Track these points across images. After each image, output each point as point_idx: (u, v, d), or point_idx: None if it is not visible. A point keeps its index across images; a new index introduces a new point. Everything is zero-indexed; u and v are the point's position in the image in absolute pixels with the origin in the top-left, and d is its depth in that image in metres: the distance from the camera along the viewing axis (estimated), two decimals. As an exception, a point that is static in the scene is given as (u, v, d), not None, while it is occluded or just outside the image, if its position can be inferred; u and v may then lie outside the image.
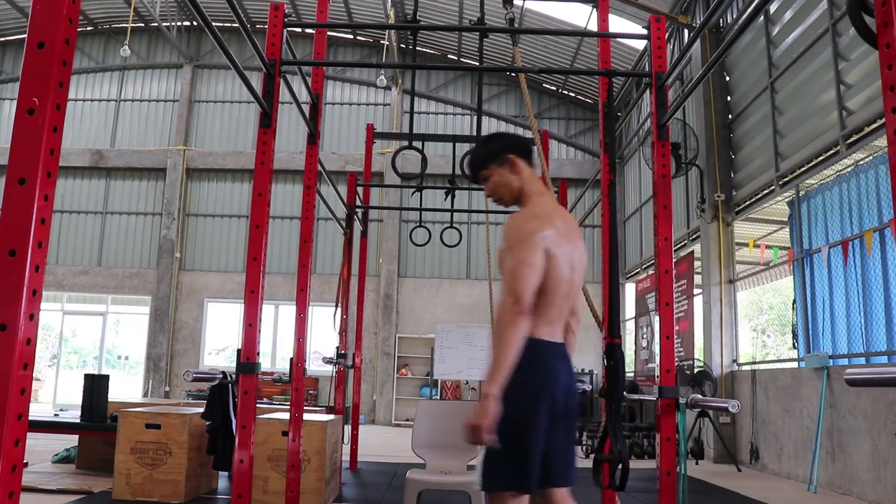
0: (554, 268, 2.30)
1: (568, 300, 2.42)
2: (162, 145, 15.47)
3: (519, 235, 2.28)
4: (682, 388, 7.90)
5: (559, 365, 2.36)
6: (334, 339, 6.90)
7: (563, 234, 2.36)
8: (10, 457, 1.31)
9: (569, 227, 2.41)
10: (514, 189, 2.48)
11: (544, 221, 2.32)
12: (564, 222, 2.40)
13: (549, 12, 12.85)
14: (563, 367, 2.38)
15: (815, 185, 7.45)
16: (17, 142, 1.41)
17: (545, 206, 2.41)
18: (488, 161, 2.50)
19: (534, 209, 2.40)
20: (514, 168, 2.47)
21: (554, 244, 2.31)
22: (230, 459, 4.69)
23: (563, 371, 2.37)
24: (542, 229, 2.29)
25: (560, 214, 2.42)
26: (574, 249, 2.41)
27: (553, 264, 2.30)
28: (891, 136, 1.57)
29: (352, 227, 7.05)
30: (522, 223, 2.32)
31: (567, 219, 2.45)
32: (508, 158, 2.47)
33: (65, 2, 1.46)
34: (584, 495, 5.90)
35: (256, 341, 3.42)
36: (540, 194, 2.47)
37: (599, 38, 4.63)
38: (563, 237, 2.35)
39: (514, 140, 2.53)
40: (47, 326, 15.62)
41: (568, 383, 2.38)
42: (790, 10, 7.97)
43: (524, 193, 2.48)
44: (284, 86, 4.00)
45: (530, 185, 2.48)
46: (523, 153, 2.50)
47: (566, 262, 2.35)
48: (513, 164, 2.47)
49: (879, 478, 5.61)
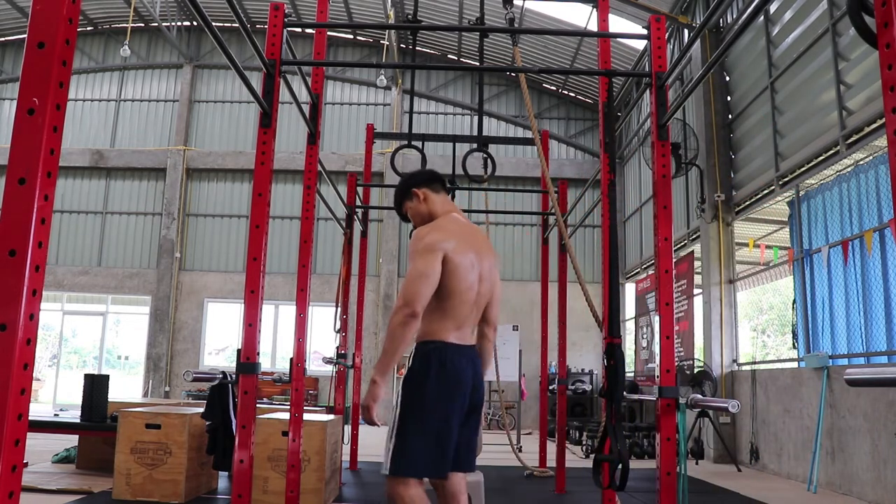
0: (455, 274, 2.60)
1: (477, 307, 2.73)
2: (162, 145, 15.48)
3: (419, 247, 2.61)
4: (682, 388, 7.90)
5: (465, 364, 2.65)
6: (334, 339, 6.90)
7: (468, 245, 2.68)
8: (10, 457, 1.31)
9: (476, 241, 2.76)
10: (425, 214, 2.88)
11: (444, 233, 2.66)
12: (471, 237, 2.74)
13: (549, 12, 12.85)
14: (468, 366, 2.67)
15: (815, 185, 7.45)
16: (17, 142, 1.40)
17: (449, 222, 2.76)
18: (402, 200, 2.95)
19: (437, 223, 2.75)
20: (420, 198, 2.88)
21: (454, 253, 2.61)
22: (230, 459, 4.69)
23: (469, 370, 2.66)
24: (441, 241, 2.61)
25: (466, 229, 2.76)
26: (482, 261, 2.72)
27: (452, 270, 2.60)
28: (891, 136, 1.57)
29: (352, 227, 7.05)
30: (424, 236, 2.65)
31: (475, 234, 2.79)
32: (414, 192, 2.89)
33: (65, 2, 1.46)
34: (584, 495, 5.91)
35: (256, 341, 3.42)
36: (446, 213, 2.83)
37: (599, 38, 4.63)
38: (467, 248, 2.67)
39: (417, 176, 2.93)
40: (47, 326, 15.62)
41: (473, 381, 2.68)
42: (790, 10, 7.97)
43: (433, 214, 2.86)
44: (284, 86, 4.00)
45: (438, 207, 2.87)
46: (426, 184, 2.90)
47: (469, 270, 2.65)
48: (418, 196, 2.88)
49: (879, 478, 5.61)
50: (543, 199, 7.80)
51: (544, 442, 7.35)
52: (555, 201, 4.92)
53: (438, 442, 2.55)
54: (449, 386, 2.59)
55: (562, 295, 6.86)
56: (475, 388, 2.70)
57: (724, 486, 6.74)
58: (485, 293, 2.75)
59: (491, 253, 2.82)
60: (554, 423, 11.12)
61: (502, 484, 6.46)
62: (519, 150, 15.34)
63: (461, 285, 2.62)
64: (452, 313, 2.63)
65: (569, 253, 4.67)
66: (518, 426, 10.21)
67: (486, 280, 2.74)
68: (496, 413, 13.14)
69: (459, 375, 2.62)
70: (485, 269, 2.74)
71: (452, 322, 2.64)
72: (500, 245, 14.79)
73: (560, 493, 6.08)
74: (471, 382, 2.66)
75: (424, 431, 2.55)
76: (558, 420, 6.63)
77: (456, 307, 2.63)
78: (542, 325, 7.32)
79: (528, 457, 8.04)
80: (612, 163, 3.79)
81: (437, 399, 2.57)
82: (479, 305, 2.75)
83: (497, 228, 14.93)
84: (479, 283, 2.71)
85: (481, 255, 2.73)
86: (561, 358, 6.78)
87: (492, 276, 2.78)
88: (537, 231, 14.64)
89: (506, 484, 6.49)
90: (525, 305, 14.40)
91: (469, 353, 2.71)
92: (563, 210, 6.80)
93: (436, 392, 2.58)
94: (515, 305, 14.38)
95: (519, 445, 8.96)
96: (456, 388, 2.60)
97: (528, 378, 13.07)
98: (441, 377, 2.59)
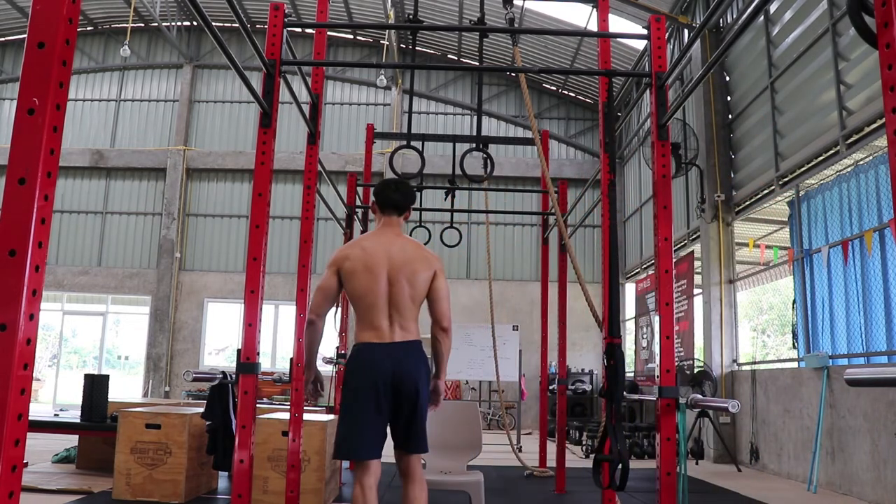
0: (350, 281, 3.08)
1: (395, 307, 3.06)
2: (162, 145, 15.48)
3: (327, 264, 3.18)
4: (682, 388, 7.90)
5: (380, 357, 3.01)
6: (334, 339, 6.90)
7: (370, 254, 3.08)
8: (10, 457, 1.31)
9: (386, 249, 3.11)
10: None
11: (345, 250, 3.15)
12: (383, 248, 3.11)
13: (549, 12, 12.84)
14: (385, 359, 3.01)
15: (815, 185, 7.45)
16: (17, 142, 1.41)
17: (364, 238, 3.21)
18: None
19: (351, 241, 3.29)
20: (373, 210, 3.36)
21: (352, 263, 3.07)
22: (230, 459, 4.69)
23: (385, 362, 3.01)
24: (337, 258, 3.13)
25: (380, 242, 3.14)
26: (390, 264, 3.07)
27: (346, 279, 3.09)
28: (891, 136, 1.57)
29: (352, 227, 7.05)
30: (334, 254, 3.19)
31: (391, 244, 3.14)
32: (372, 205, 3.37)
33: (65, 2, 1.46)
34: (584, 495, 5.91)
35: (256, 341, 3.42)
36: (375, 231, 3.27)
37: (599, 38, 4.63)
38: (370, 256, 3.08)
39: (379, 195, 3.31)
40: (47, 326, 15.62)
41: (393, 370, 3.00)
42: (790, 10, 7.97)
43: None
44: (284, 86, 4.00)
45: (376, 225, 3.32)
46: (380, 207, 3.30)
47: (365, 276, 3.05)
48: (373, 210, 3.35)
49: (879, 478, 5.61)
50: (543, 199, 7.81)
51: (544, 442, 7.35)
52: (555, 201, 4.92)
53: (351, 428, 2.99)
54: (360, 378, 3.00)
55: (562, 295, 6.86)
56: (397, 375, 3.00)
57: (724, 486, 6.74)
58: (402, 295, 3.07)
59: (412, 259, 3.12)
60: (554, 423, 11.12)
61: (502, 484, 6.46)
62: (519, 150, 15.34)
63: (360, 294, 3.06)
64: (365, 317, 3.07)
65: (569, 253, 4.67)
66: (518, 426, 10.21)
67: (400, 283, 3.06)
68: (496, 413, 13.14)
69: (373, 366, 2.99)
70: (395, 273, 3.07)
71: (367, 324, 3.07)
72: (500, 245, 14.80)
73: (560, 493, 6.08)
74: (389, 373, 2.99)
75: (344, 420, 3.02)
76: (558, 420, 6.63)
77: (364, 310, 3.07)
78: (542, 325, 7.32)
79: (528, 457, 8.04)
80: (612, 163, 3.79)
81: (352, 391, 3.01)
82: (401, 307, 3.07)
83: (497, 228, 14.92)
84: (391, 286, 3.06)
85: (391, 261, 3.09)
86: (561, 358, 6.78)
87: (412, 279, 3.08)
88: (537, 231, 14.64)
89: (506, 484, 6.49)
90: (525, 305, 14.39)
91: (388, 348, 3.04)
92: (563, 210, 6.80)
93: (351, 385, 3.02)
94: (515, 305, 14.38)
95: (519, 445, 8.96)
96: (367, 379, 2.98)
97: (528, 378, 13.07)
98: (354, 372, 3.03)
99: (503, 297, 13.98)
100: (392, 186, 3.29)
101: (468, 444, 4.60)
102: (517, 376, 9.87)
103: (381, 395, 2.98)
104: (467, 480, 4.14)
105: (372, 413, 2.97)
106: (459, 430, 4.61)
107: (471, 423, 4.66)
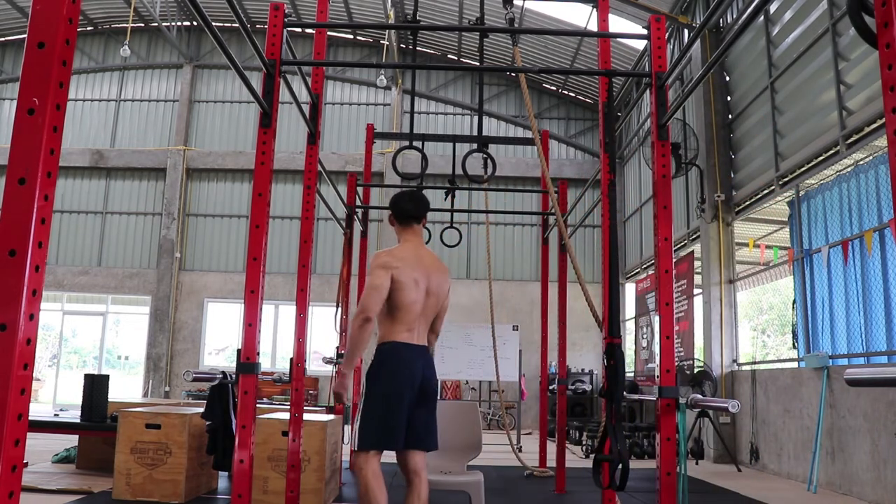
0: (400, 289, 3.21)
1: (425, 317, 3.33)
2: (162, 145, 15.48)
3: (372, 265, 3.26)
4: (682, 388, 7.90)
5: (414, 357, 3.24)
6: (334, 339, 6.91)
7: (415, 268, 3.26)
8: (10, 457, 1.31)
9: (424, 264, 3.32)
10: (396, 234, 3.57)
11: (393, 257, 3.26)
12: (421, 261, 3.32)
13: (549, 12, 12.84)
14: (418, 359, 3.26)
15: (815, 185, 7.45)
16: (17, 142, 1.40)
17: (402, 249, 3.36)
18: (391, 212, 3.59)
19: (392, 249, 3.36)
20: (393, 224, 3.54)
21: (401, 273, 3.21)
22: (230, 459, 4.69)
23: (418, 361, 3.25)
24: (390, 262, 3.23)
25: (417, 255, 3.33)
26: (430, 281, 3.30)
27: (398, 287, 3.20)
28: (891, 136, 1.57)
29: (352, 227, 7.05)
30: (376, 258, 3.28)
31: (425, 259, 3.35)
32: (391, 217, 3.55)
33: (65, 2, 1.46)
34: (584, 495, 5.91)
35: (256, 341, 3.42)
36: (406, 242, 3.43)
37: (599, 38, 4.63)
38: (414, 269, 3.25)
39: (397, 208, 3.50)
40: (47, 326, 15.62)
41: (423, 373, 3.25)
42: (790, 10, 7.97)
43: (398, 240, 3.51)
44: (284, 86, 4.00)
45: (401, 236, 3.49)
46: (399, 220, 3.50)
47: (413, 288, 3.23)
48: (392, 223, 3.54)
49: (879, 478, 5.61)
50: (543, 199, 7.80)
51: (544, 442, 7.35)
52: (555, 201, 4.92)
53: (387, 421, 3.13)
54: (396, 375, 3.17)
55: (562, 295, 6.86)
56: (425, 377, 3.26)
57: (724, 486, 6.74)
58: (431, 306, 3.35)
59: (439, 272, 3.38)
60: (554, 423, 11.12)
61: (502, 484, 6.46)
62: (519, 150, 15.34)
63: (405, 299, 3.23)
64: (402, 320, 3.24)
65: (569, 253, 4.67)
66: (518, 426, 10.21)
67: (433, 295, 3.33)
68: (496, 413, 13.14)
69: (409, 365, 3.20)
70: (432, 287, 3.32)
71: (403, 325, 3.25)
72: (500, 245, 14.80)
73: (560, 493, 6.08)
74: (420, 372, 3.23)
75: (377, 413, 3.15)
76: (558, 420, 6.63)
77: (404, 315, 3.24)
78: (542, 325, 7.32)
79: (528, 457, 8.04)
80: (612, 163, 3.79)
81: (386, 386, 3.16)
82: (427, 316, 3.35)
83: (497, 228, 14.92)
84: (427, 298, 3.31)
85: (430, 276, 3.32)
86: (561, 358, 6.78)
87: (439, 293, 3.37)
88: (537, 231, 14.64)
89: (506, 484, 6.49)
90: (525, 305, 14.39)
91: (419, 350, 3.29)
92: (563, 210, 6.80)
93: (386, 381, 3.17)
94: (515, 305, 14.38)
95: (519, 445, 8.96)
96: (402, 376, 3.17)
97: (528, 378, 13.07)
98: (391, 368, 3.19)
99: (503, 297, 13.97)
100: (406, 198, 3.49)
101: (468, 444, 4.60)
102: (517, 376, 9.87)
103: (413, 391, 3.20)
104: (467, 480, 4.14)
105: (406, 407, 3.17)
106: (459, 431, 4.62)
107: (471, 424, 4.66)
